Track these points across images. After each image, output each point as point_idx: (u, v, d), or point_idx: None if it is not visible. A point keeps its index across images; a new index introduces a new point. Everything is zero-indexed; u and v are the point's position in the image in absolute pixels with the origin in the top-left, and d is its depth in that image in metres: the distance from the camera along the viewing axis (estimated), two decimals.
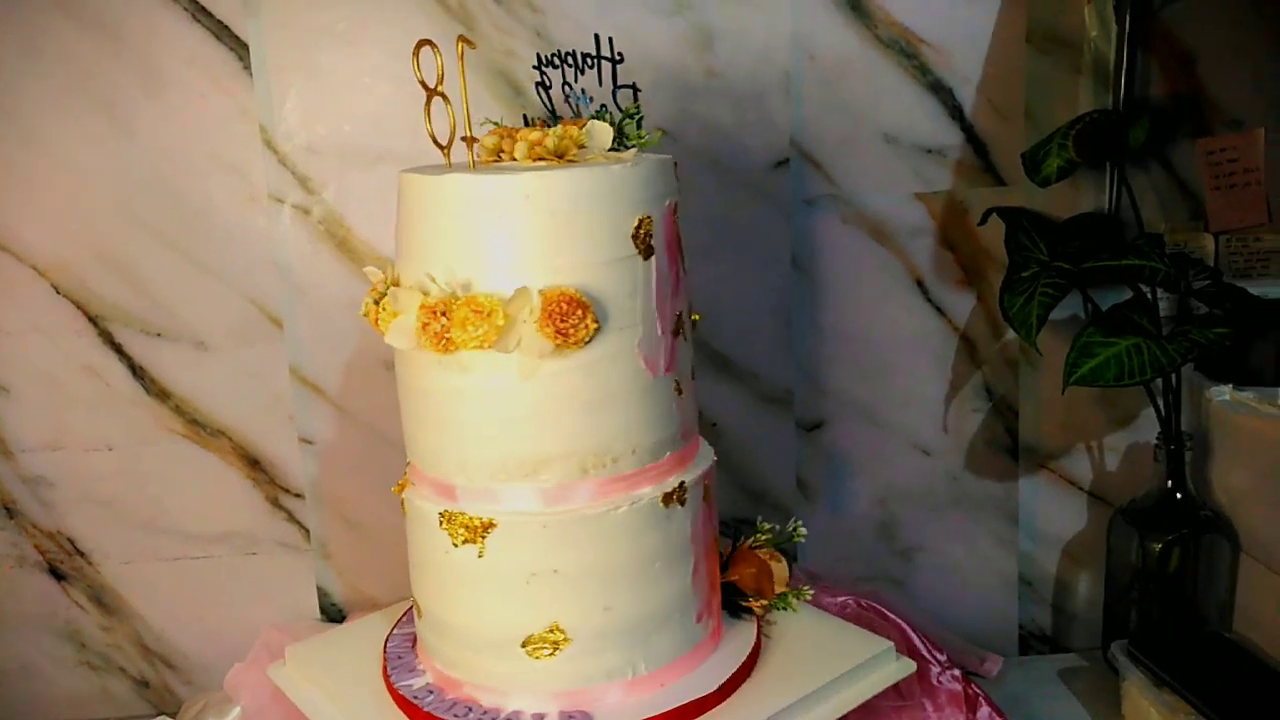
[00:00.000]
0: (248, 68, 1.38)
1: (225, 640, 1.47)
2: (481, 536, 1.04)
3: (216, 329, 1.45)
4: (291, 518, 1.52)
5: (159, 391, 1.47)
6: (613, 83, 1.11)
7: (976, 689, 1.31)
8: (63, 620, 1.53)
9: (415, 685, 1.14)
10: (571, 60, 1.11)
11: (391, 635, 1.25)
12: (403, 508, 1.13)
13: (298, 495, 1.51)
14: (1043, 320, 1.33)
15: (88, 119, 1.38)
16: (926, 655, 1.33)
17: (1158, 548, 1.44)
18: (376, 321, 1.05)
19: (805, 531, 1.30)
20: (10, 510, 1.49)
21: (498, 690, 1.08)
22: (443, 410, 1.06)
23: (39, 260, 1.42)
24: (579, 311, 0.97)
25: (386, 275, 1.08)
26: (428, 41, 1.01)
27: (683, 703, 1.07)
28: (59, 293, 1.43)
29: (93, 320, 1.44)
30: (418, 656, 1.19)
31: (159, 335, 1.45)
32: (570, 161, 1.04)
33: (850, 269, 1.51)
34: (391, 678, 1.16)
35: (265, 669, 1.30)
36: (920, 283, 1.52)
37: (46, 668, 1.54)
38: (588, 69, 1.11)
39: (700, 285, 1.22)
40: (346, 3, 1.37)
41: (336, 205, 1.42)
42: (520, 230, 0.99)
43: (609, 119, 1.10)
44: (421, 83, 1.02)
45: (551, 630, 1.05)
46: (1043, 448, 1.58)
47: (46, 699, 1.55)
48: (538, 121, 1.15)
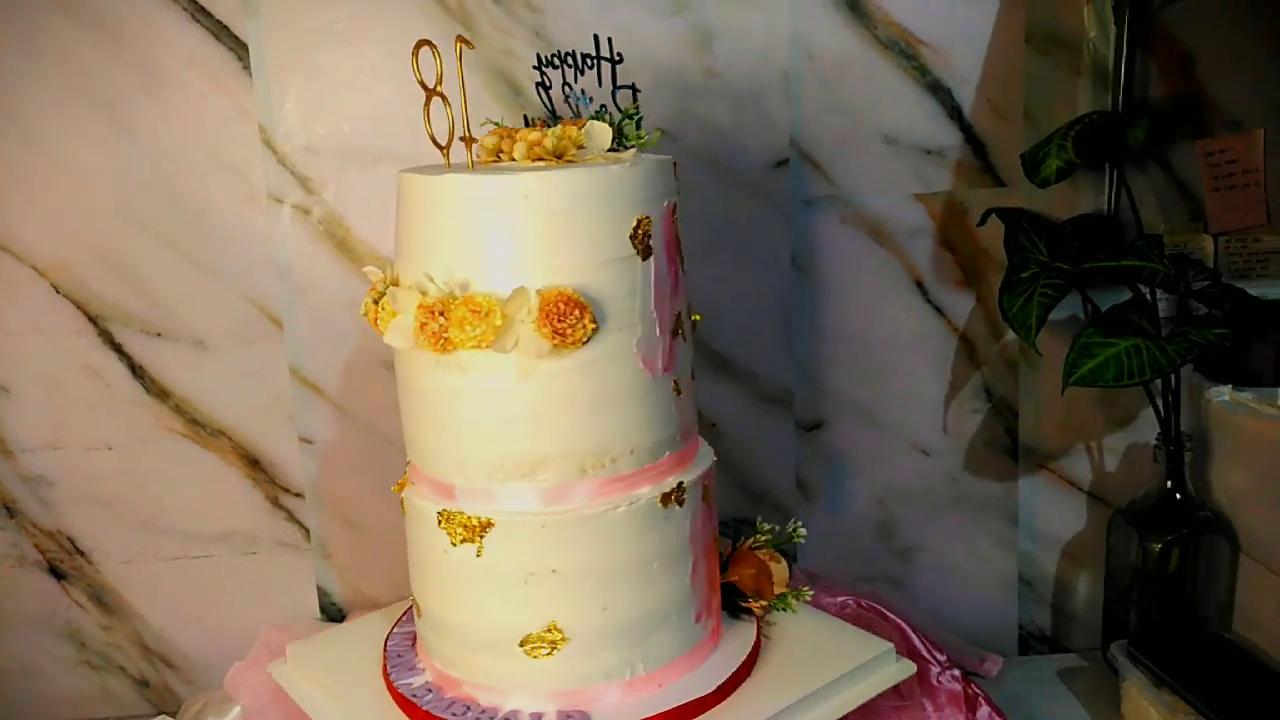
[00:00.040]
0: (247, 68, 1.38)
1: (225, 640, 1.47)
2: (480, 536, 1.04)
3: (216, 329, 1.45)
4: (291, 517, 1.52)
5: (159, 391, 1.47)
6: (612, 83, 1.11)
7: (976, 689, 1.31)
8: (63, 620, 1.53)
9: (415, 684, 1.14)
10: (571, 60, 1.11)
11: (392, 634, 1.25)
12: (402, 507, 1.14)
13: (298, 495, 1.51)
14: (1042, 321, 1.33)
15: (88, 119, 1.38)
16: (926, 655, 1.33)
17: (1157, 548, 1.44)
18: (376, 321, 1.05)
19: (805, 532, 1.30)
20: (10, 510, 1.49)
21: (496, 689, 1.08)
22: (441, 410, 1.06)
23: (39, 260, 1.42)
24: (576, 311, 0.97)
25: (386, 275, 1.09)
26: (427, 42, 1.02)
27: (681, 703, 1.07)
28: (59, 292, 1.43)
29: (93, 320, 1.44)
30: (417, 655, 1.19)
31: (159, 335, 1.45)
32: (569, 162, 1.04)
33: (850, 269, 1.51)
34: (391, 676, 1.16)
35: (265, 668, 1.30)
36: (920, 283, 1.52)
37: (47, 667, 1.55)
38: (587, 69, 1.11)
39: (700, 285, 1.22)
40: (346, 3, 1.37)
41: (336, 205, 1.43)
42: (518, 230, 0.99)
43: (608, 119, 1.10)
44: (421, 83, 1.02)
45: (549, 630, 1.05)
46: (1042, 448, 1.58)
47: (47, 698, 1.55)
48: (538, 122, 1.15)
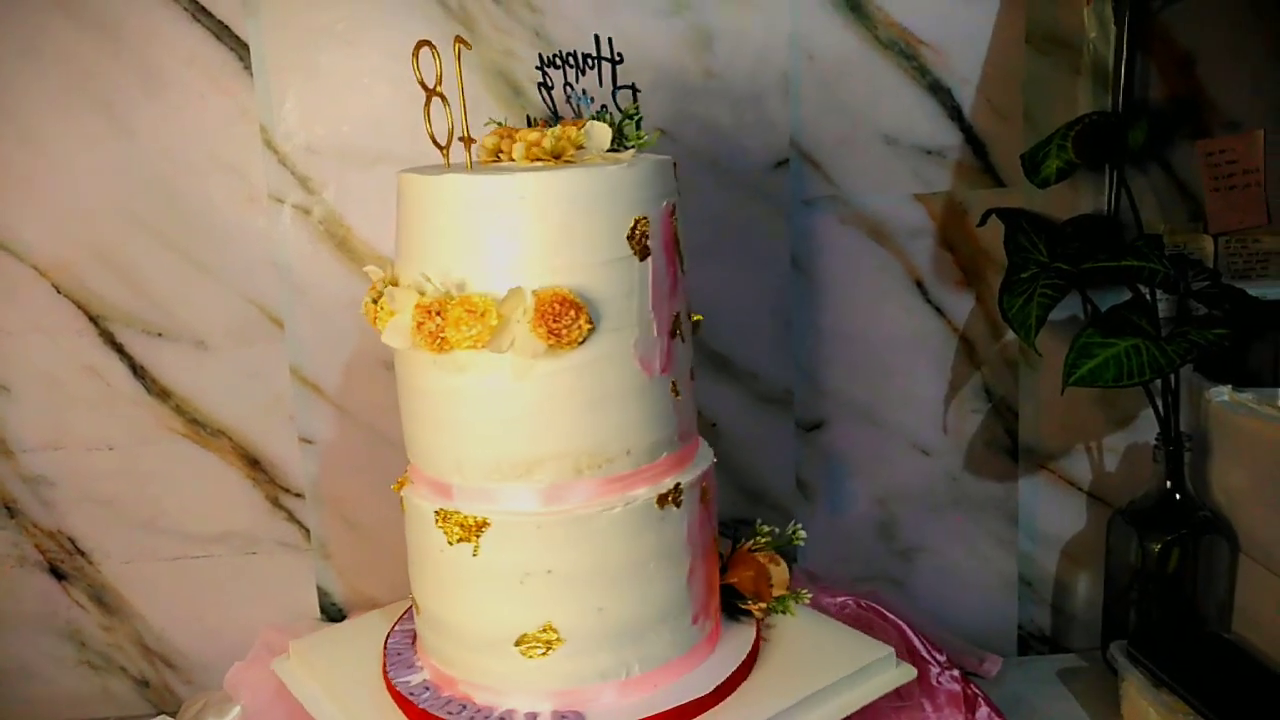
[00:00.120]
0: (248, 68, 1.38)
1: (225, 640, 1.47)
2: (476, 535, 1.04)
3: (217, 329, 1.45)
4: (291, 517, 1.52)
5: (159, 391, 1.47)
6: (612, 83, 1.11)
7: (976, 689, 1.31)
8: (63, 620, 1.53)
9: (413, 682, 1.14)
10: (573, 61, 1.11)
11: (393, 631, 1.25)
12: (402, 506, 1.14)
13: (298, 495, 1.51)
14: (1042, 321, 1.33)
15: (88, 119, 1.38)
16: (926, 655, 1.33)
17: (1157, 548, 1.44)
18: (375, 320, 1.05)
19: (805, 535, 1.29)
20: (11, 510, 1.49)
21: (492, 689, 1.08)
22: (439, 409, 1.06)
23: (40, 260, 1.42)
24: (572, 312, 0.97)
25: (387, 274, 1.09)
26: (426, 42, 1.02)
27: (677, 704, 1.07)
28: (59, 293, 1.43)
29: (93, 320, 1.44)
30: (417, 654, 1.19)
31: (160, 335, 1.45)
32: (567, 162, 1.04)
33: (849, 270, 1.51)
34: (390, 674, 1.16)
35: (265, 668, 1.30)
36: (920, 283, 1.52)
37: (47, 667, 1.55)
38: (588, 69, 1.12)
39: (699, 285, 1.22)
40: (346, 3, 1.38)
41: (336, 205, 1.43)
42: (515, 230, 0.99)
43: (609, 120, 1.10)
44: (421, 83, 1.03)
45: (545, 630, 1.05)
46: (1042, 448, 1.58)
47: (47, 699, 1.55)
48: (539, 122, 1.15)
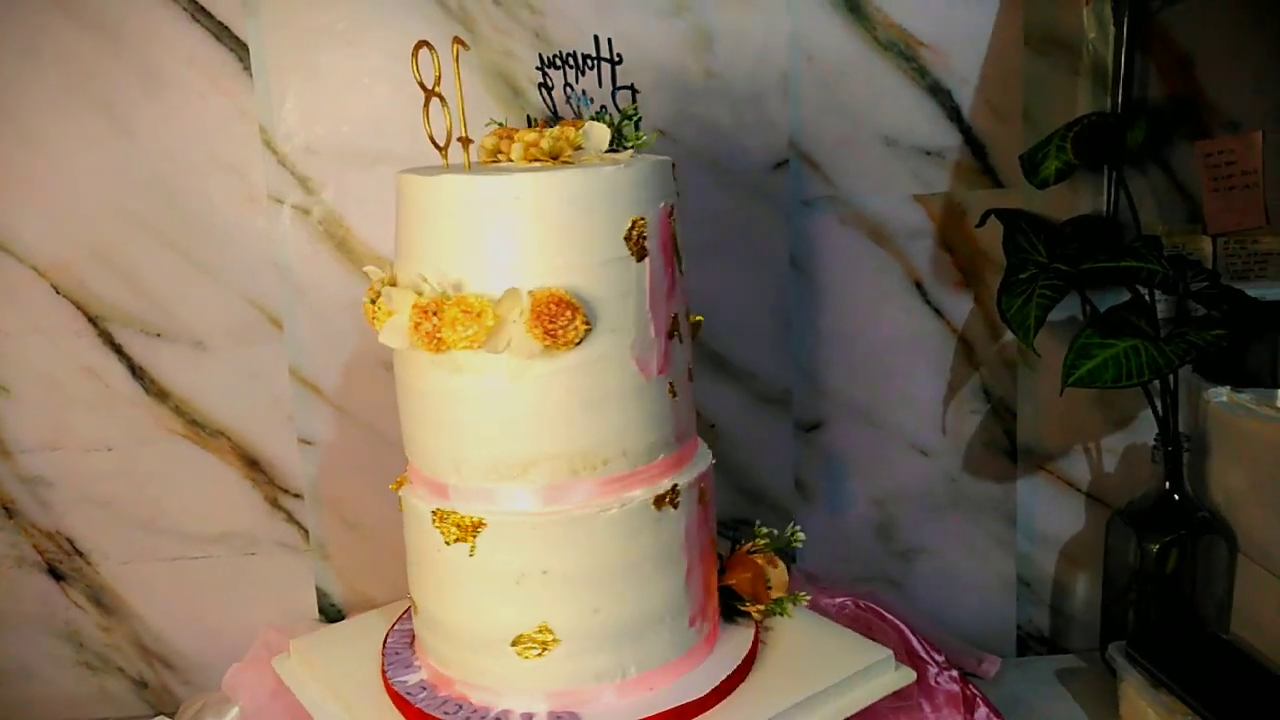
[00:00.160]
0: (247, 68, 1.38)
1: (224, 640, 1.47)
2: (473, 535, 1.04)
3: (216, 329, 1.45)
4: (291, 518, 1.52)
5: (158, 392, 1.47)
6: (612, 84, 1.11)
7: (974, 690, 1.31)
8: (61, 620, 1.53)
9: (410, 681, 1.14)
10: (572, 61, 1.11)
11: (392, 631, 1.25)
12: (400, 506, 1.14)
13: (297, 496, 1.51)
14: (1041, 322, 1.33)
15: (87, 119, 1.38)
16: (924, 656, 1.33)
17: (1155, 549, 1.44)
18: (373, 320, 1.05)
19: (804, 537, 1.29)
20: (9, 510, 1.49)
21: (488, 689, 1.08)
22: (436, 410, 1.06)
23: (39, 261, 1.42)
24: (568, 313, 0.97)
25: (386, 275, 1.09)
26: (425, 43, 1.02)
27: (673, 706, 1.06)
28: (59, 293, 1.43)
29: (92, 321, 1.44)
30: (415, 653, 1.19)
31: (158, 336, 1.45)
32: (565, 163, 1.04)
33: (849, 270, 1.51)
34: (388, 673, 1.16)
35: (264, 669, 1.30)
36: (919, 284, 1.53)
37: (45, 668, 1.54)
38: (588, 70, 1.12)
39: (699, 286, 1.22)
40: (346, 4, 1.38)
41: (336, 206, 1.43)
42: (511, 231, 0.99)
43: (608, 120, 1.10)
44: (420, 83, 1.03)
45: (541, 630, 1.04)
46: (1041, 449, 1.58)
47: (45, 699, 1.55)
48: (539, 122, 1.15)
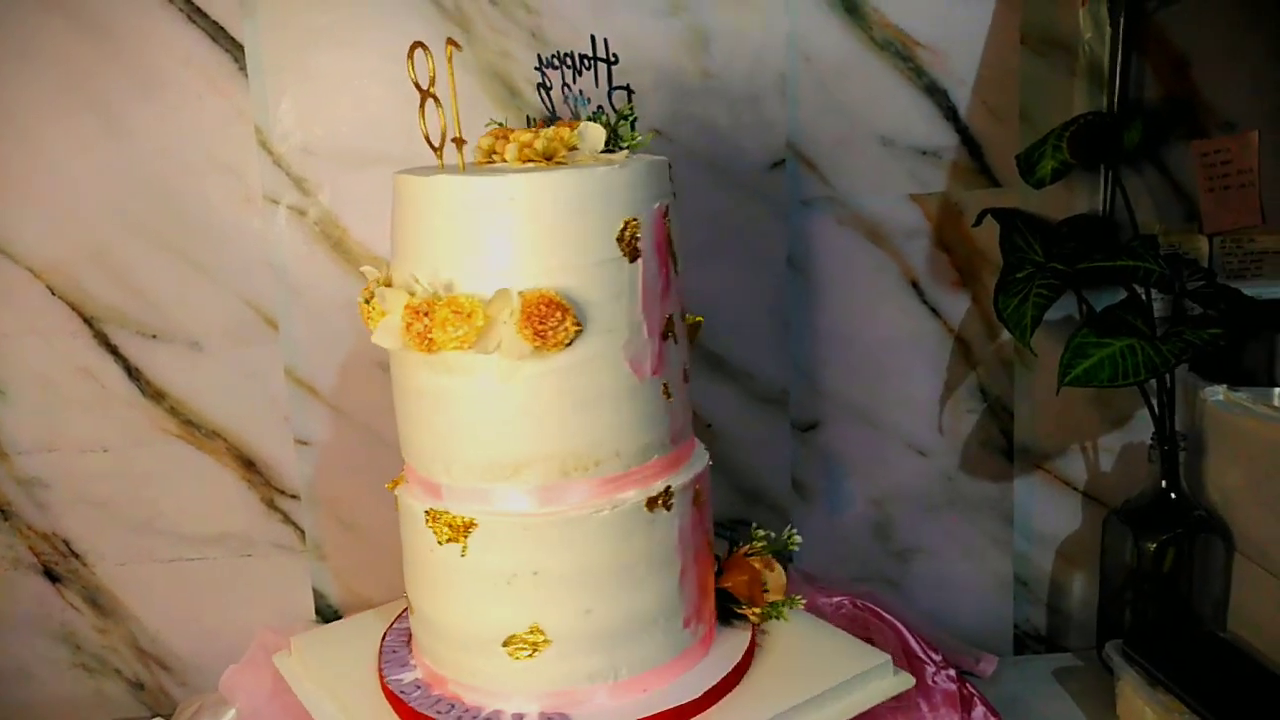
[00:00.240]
0: (243, 69, 1.38)
1: (220, 642, 1.46)
2: (464, 535, 1.04)
3: (212, 330, 1.45)
4: (287, 519, 1.52)
5: (154, 393, 1.47)
6: (608, 84, 1.11)
7: (971, 689, 1.31)
8: (57, 622, 1.53)
9: (405, 680, 1.14)
10: (570, 61, 1.11)
11: (390, 630, 1.25)
12: (397, 505, 1.14)
13: (293, 496, 1.51)
14: (1037, 321, 1.33)
15: (84, 120, 1.38)
16: (922, 655, 1.33)
17: (1152, 548, 1.44)
18: (369, 320, 1.05)
19: (800, 540, 1.28)
20: (5, 512, 1.49)
21: (481, 689, 1.08)
22: (429, 410, 1.06)
23: (34, 262, 1.42)
24: (558, 314, 0.96)
25: (383, 275, 1.09)
26: (420, 44, 1.02)
27: (665, 708, 1.06)
28: (54, 294, 1.42)
29: (88, 321, 1.44)
30: (411, 652, 1.19)
31: (154, 336, 1.45)
32: (559, 163, 1.04)
33: (846, 270, 1.51)
34: (384, 672, 1.16)
35: (261, 670, 1.30)
36: (915, 284, 1.53)
37: (41, 670, 1.54)
38: (585, 70, 1.12)
39: (696, 286, 1.22)
40: (342, 5, 1.37)
41: (332, 206, 1.42)
42: (502, 232, 0.99)
43: (604, 120, 1.10)
44: (415, 84, 1.03)
45: (532, 631, 1.04)
46: (1037, 448, 1.58)
47: (41, 702, 1.54)
48: (537, 122, 1.15)
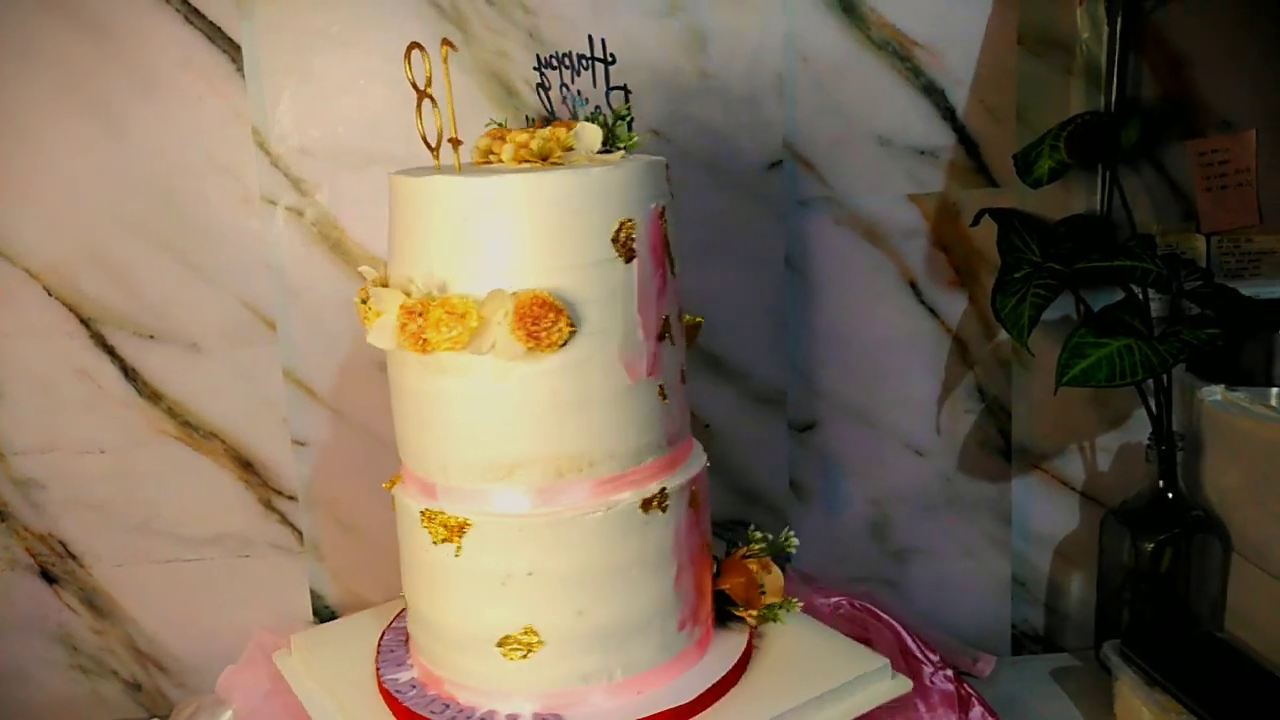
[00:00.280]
0: (241, 70, 1.38)
1: (218, 643, 1.46)
2: (459, 536, 1.04)
3: (209, 331, 1.45)
4: (284, 520, 1.52)
5: (151, 394, 1.46)
6: (606, 84, 1.11)
7: (969, 689, 1.31)
8: (54, 623, 1.53)
9: (400, 679, 1.14)
10: (568, 62, 1.11)
11: (389, 628, 1.25)
12: (394, 505, 1.14)
13: (291, 497, 1.51)
14: (1034, 321, 1.33)
15: (81, 121, 1.38)
16: (919, 655, 1.33)
17: (1150, 548, 1.44)
18: (365, 320, 1.05)
19: (797, 543, 1.28)
20: (1, 513, 1.48)
21: (476, 689, 1.08)
22: (424, 410, 1.06)
23: (31, 263, 1.42)
24: (551, 315, 0.96)
25: (381, 275, 1.09)
26: (417, 44, 1.02)
27: (659, 710, 1.06)
28: (51, 295, 1.42)
29: (85, 322, 1.44)
30: (408, 651, 1.19)
31: (151, 337, 1.45)
32: (554, 164, 1.04)
33: (844, 270, 1.51)
34: (380, 671, 1.16)
35: (258, 671, 1.30)
36: (913, 284, 1.53)
37: (38, 672, 1.54)
38: (583, 70, 1.12)
39: (694, 286, 1.22)
40: (340, 6, 1.37)
41: (330, 207, 1.42)
42: (497, 232, 0.99)
43: (602, 121, 1.10)
44: (412, 84, 1.03)
45: (526, 632, 1.04)
46: (1035, 448, 1.58)
47: (38, 703, 1.54)
48: (536, 122, 1.15)
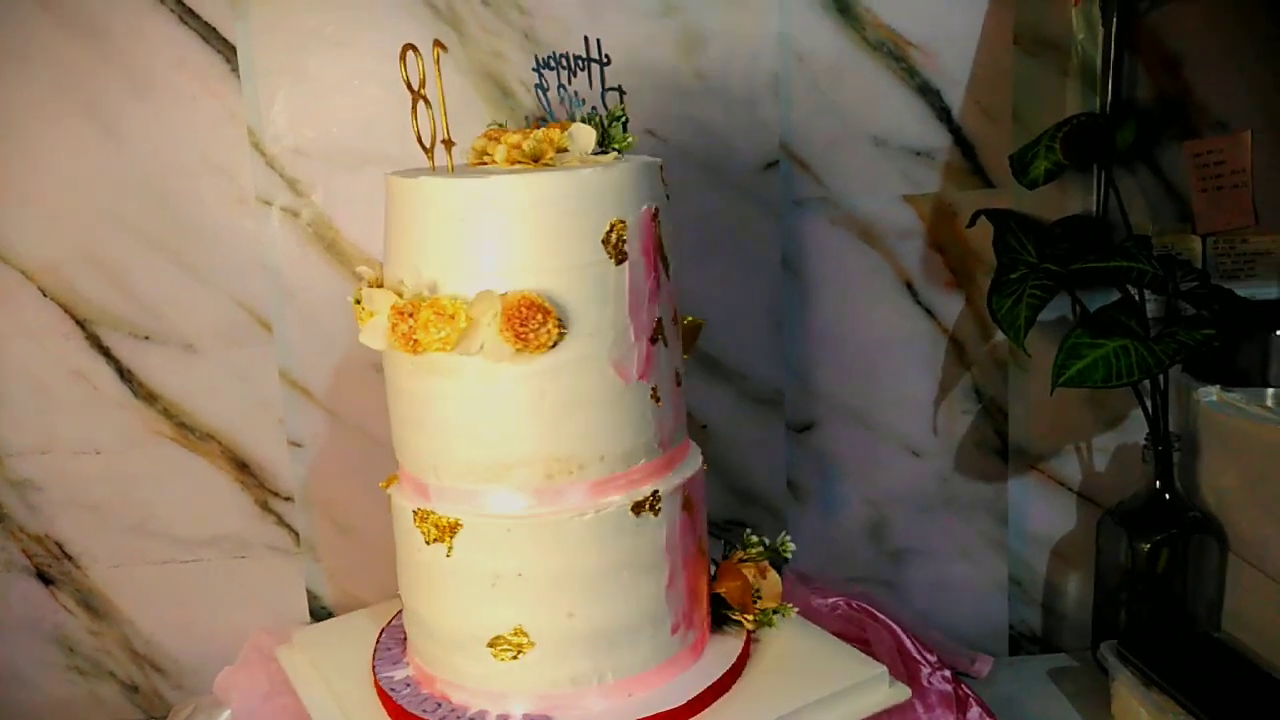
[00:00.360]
0: (236, 70, 1.38)
1: (215, 644, 1.46)
2: (450, 536, 1.04)
3: (205, 332, 1.45)
4: (281, 521, 1.52)
5: (147, 394, 1.46)
6: (601, 85, 1.11)
7: (967, 689, 1.31)
8: (50, 625, 1.52)
9: (395, 677, 1.14)
10: (565, 62, 1.11)
11: (388, 626, 1.26)
12: (390, 505, 1.14)
13: (287, 498, 1.51)
14: (1031, 322, 1.33)
15: (76, 122, 1.37)
16: (917, 656, 1.33)
17: (1146, 548, 1.44)
18: (360, 321, 1.05)
19: (794, 547, 1.27)
20: None
21: (467, 689, 1.08)
22: (416, 410, 1.06)
23: (27, 264, 1.41)
24: (539, 316, 0.96)
25: (377, 275, 1.09)
26: (411, 46, 1.02)
27: (650, 714, 1.05)
28: (46, 296, 1.42)
29: (80, 323, 1.43)
30: (404, 650, 1.19)
31: (147, 338, 1.45)
32: (546, 165, 1.04)
33: (840, 271, 1.51)
34: (376, 668, 1.16)
35: (255, 672, 1.30)
36: (909, 284, 1.53)
37: (34, 674, 1.54)
38: (579, 71, 1.11)
39: (690, 287, 1.22)
40: (335, 6, 1.37)
41: (325, 208, 1.42)
42: (486, 233, 0.99)
43: (597, 122, 1.10)
44: (407, 84, 1.02)
45: (515, 633, 1.04)
46: (1032, 449, 1.58)
47: (35, 705, 1.54)
48: (534, 123, 1.15)
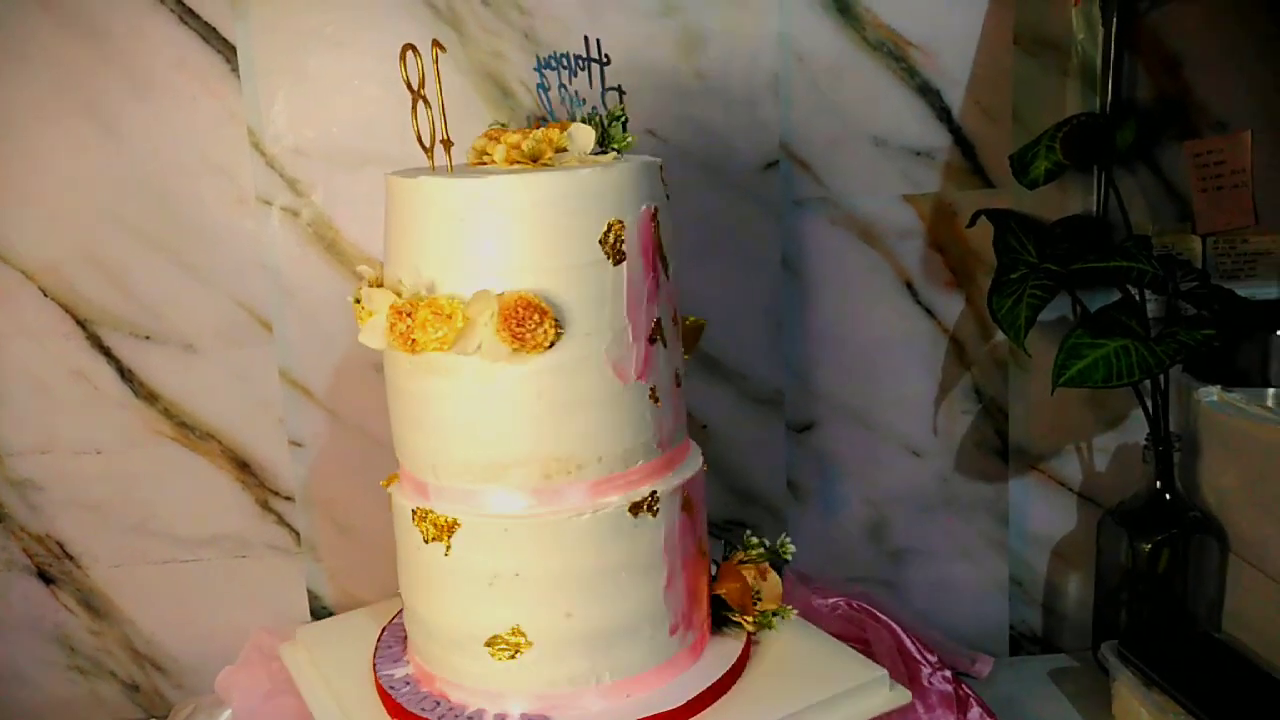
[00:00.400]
0: (236, 70, 1.38)
1: (215, 643, 1.46)
2: (448, 535, 1.04)
3: (205, 331, 1.45)
4: (281, 520, 1.52)
5: (148, 394, 1.46)
6: (601, 84, 1.11)
7: (967, 689, 1.31)
8: (51, 624, 1.53)
9: (395, 675, 1.15)
10: (566, 62, 1.11)
11: (390, 625, 1.26)
12: (390, 504, 1.14)
13: (287, 498, 1.51)
14: (1031, 322, 1.33)
15: (76, 122, 1.38)
16: (917, 656, 1.33)
17: (1147, 548, 1.44)
18: (360, 320, 1.05)
19: (794, 549, 1.28)
20: None
21: (467, 688, 1.08)
22: (415, 409, 1.07)
23: (27, 264, 1.42)
24: (536, 316, 0.96)
25: (378, 275, 1.09)
26: (410, 46, 1.02)
27: (648, 714, 1.05)
28: (47, 296, 1.42)
29: (81, 323, 1.44)
30: (405, 648, 1.20)
31: (148, 338, 1.45)
32: (545, 165, 1.04)
33: (840, 271, 1.51)
34: (377, 667, 1.17)
35: (256, 671, 1.30)
36: (909, 284, 1.53)
37: (35, 673, 1.54)
38: (579, 71, 1.12)
39: (690, 287, 1.22)
40: (335, 6, 1.37)
41: (325, 207, 1.42)
42: (483, 233, 0.99)
43: (596, 121, 1.10)
44: (406, 84, 1.03)
45: (513, 633, 1.04)
46: (1032, 449, 1.58)
47: (35, 705, 1.54)
48: (535, 123, 1.15)
